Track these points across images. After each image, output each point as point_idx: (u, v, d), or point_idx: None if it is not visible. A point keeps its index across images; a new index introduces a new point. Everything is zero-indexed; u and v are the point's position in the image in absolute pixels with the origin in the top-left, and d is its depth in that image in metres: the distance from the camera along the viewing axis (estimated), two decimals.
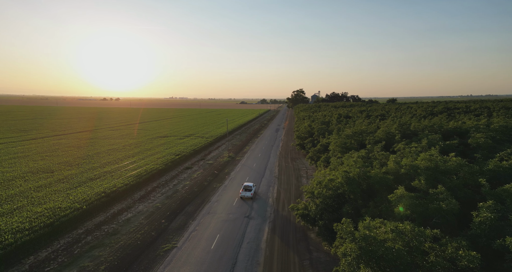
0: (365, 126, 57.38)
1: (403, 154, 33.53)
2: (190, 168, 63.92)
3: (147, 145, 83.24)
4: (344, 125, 76.17)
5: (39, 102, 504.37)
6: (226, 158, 75.10)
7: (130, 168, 54.67)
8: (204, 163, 69.20)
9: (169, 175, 56.96)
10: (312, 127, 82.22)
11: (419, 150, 31.22)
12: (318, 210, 30.30)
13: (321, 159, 55.75)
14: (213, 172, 60.65)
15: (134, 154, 68.62)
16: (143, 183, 49.05)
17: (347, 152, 46.21)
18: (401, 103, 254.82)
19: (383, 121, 73.82)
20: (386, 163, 32.20)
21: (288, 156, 79.59)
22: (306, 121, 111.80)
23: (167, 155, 69.01)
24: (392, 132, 45.40)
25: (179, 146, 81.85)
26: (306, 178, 57.61)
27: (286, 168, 65.50)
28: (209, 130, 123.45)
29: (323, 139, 65.90)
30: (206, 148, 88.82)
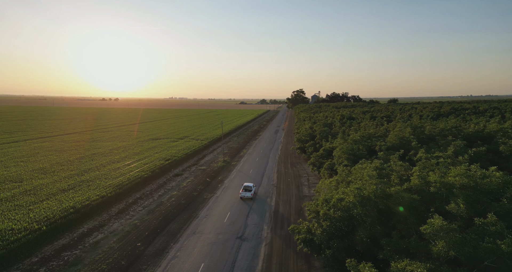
0: (373, 129, 51.76)
1: (425, 165, 27.89)
2: (180, 174, 58.20)
3: (136, 148, 77.55)
4: (348, 128, 70.53)
5: (36, 103, 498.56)
6: (221, 162, 69.41)
7: (111, 176, 48.98)
8: (196, 169, 63.51)
9: (156, 184, 51.26)
10: (314, 130, 76.58)
11: (448, 161, 25.51)
12: (324, 235, 24.63)
13: (324, 166, 50.19)
14: (205, 179, 54.97)
15: (119, 159, 62.92)
16: (124, 194, 43.34)
17: (355, 160, 40.64)
18: (403, 103, 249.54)
19: (391, 124, 68.16)
20: (408, 177, 26.58)
21: (287, 160, 73.92)
22: (306, 123, 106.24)
23: (156, 159, 63.34)
24: (406, 137, 39.79)
25: (171, 149, 76.18)
26: (308, 186, 51.95)
27: (286, 175, 59.83)
28: (205, 132, 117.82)
29: (326, 142, 60.26)
30: (200, 151, 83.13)
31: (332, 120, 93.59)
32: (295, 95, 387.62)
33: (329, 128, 74.46)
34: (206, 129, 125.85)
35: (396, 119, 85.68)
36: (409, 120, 78.05)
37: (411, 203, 20.95)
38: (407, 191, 23.52)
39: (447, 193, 21.17)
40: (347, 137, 54.68)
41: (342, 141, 46.78)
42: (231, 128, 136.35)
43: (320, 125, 78.00)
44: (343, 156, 41.64)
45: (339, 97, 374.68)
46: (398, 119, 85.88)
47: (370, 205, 22.56)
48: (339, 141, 46.98)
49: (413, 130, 44.92)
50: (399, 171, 27.85)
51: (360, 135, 45.13)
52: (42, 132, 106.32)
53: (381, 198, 23.09)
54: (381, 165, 28.43)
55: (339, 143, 46.01)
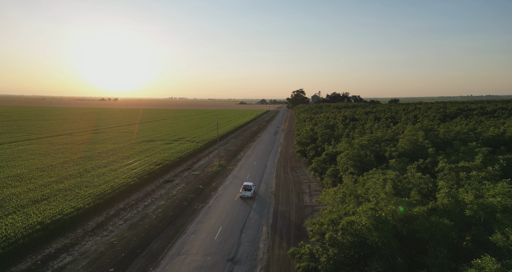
0: (381, 132, 47.39)
1: (450, 177, 23.55)
2: (171, 181, 53.82)
3: (127, 151, 73.16)
4: (352, 131, 66.18)
5: (34, 103, 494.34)
6: (216, 167, 65.04)
7: (94, 183, 44.60)
8: (189, 174, 59.12)
9: (143, 192, 46.88)
10: (315, 132, 72.22)
11: (482, 175, 21.08)
12: (331, 264, 20.29)
13: (327, 172, 45.84)
14: (197, 186, 50.59)
15: (107, 164, 58.55)
16: (105, 205, 38.95)
17: (363, 167, 36.32)
18: (404, 103, 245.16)
19: (397, 126, 63.79)
20: (429, 191, 22.27)
21: (287, 164, 69.53)
22: (307, 124, 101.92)
23: (146, 164, 58.96)
24: (419, 142, 35.43)
25: (164, 153, 71.78)
26: (309, 194, 47.58)
27: (285, 181, 55.46)
28: (202, 133, 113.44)
29: (328, 146, 55.91)
30: (195, 154, 78.74)
31: (334, 121, 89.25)
32: (295, 95, 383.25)
33: (332, 131, 70.10)
34: (203, 131, 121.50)
35: (401, 121, 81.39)
36: (418, 122, 73.77)
37: (442, 230, 16.59)
38: (433, 212, 19.18)
39: (488, 218, 16.81)
40: (352, 140, 50.33)
41: (347, 145, 42.44)
42: (229, 129, 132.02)
43: (322, 127, 73.64)
44: (349, 163, 37.29)
45: (339, 97, 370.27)
46: (404, 120, 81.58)
47: (388, 230, 18.21)
48: (343, 145, 42.63)
49: (426, 134, 40.55)
50: (418, 184, 23.49)
51: (368, 139, 40.74)
52: (31, 134, 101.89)
53: (402, 222, 18.75)
54: (397, 177, 24.05)
55: (344, 147, 41.67)
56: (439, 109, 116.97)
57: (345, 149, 41.12)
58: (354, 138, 54.55)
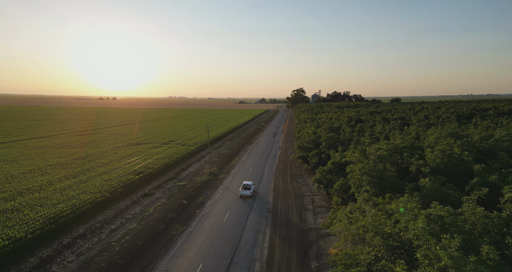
0: (399, 139, 39.36)
1: None
2: (150, 194, 45.98)
3: (108, 156, 65.33)
4: (361, 134, 58.32)
5: (30, 102, 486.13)
6: (206, 175, 57.26)
7: (52, 201, 36.75)
8: (173, 185, 51.29)
9: (113, 210, 39.04)
10: (318, 135, 64.37)
11: None
12: None
13: (334, 186, 38.09)
14: (180, 202, 42.76)
15: (78, 173, 50.71)
16: (58, 231, 31.12)
17: (382, 184, 28.54)
18: (406, 103, 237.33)
19: (412, 129, 55.95)
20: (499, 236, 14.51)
21: (287, 172, 61.74)
22: (308, 126, 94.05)
23: (125, 173, 51.18)
24: (456, 153, 27.60)
25: (149, 158, 63.97)
26: (313, 212, 39.81)
27: (285, 194, 47.69)
28: (195, 135, 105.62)
29: (335, 153, 48.09)
30: (185, 160, 70.90)
31: (338, 123, 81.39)
32: (295, 94, 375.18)
33: (337, 134, 62.24)
34: (197, 132, 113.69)
35: (413, 122, 73.50)
36: (432, 124, 65.91)
37: None
38: None
39: None
40: (365, 147, 42.50)
41: (359, 155, 34.59)
42: (226, 130, 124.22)
43: (326, 130, 65.78)
44: (364, 178, 29.48)
45: (340, 96, 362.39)
46: (415, 122, 73.68)
47: None
48: (356, 155, 34.78)
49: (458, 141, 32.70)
50: (485, 225, 15.67)
51: (386, 148, 32.82)
52: (7, 136, 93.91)
53: None
54: (449, 215, 16.19)
55: (356, 158, 33.83)
56: (449, 110, 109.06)
57: (358, 159, 33.32)
58: (364, 143, 46.73)
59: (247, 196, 44.88)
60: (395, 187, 28.61)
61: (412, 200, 19.99)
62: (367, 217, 21.42)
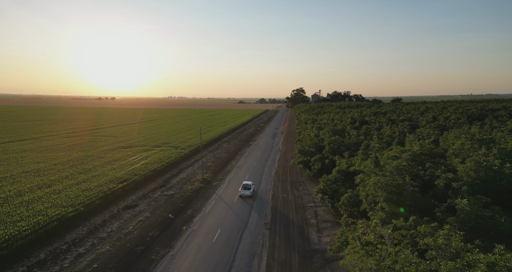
0: (418, 145, 34.21)
1: None
2: (133, 206, 40.83)
3: (93, 161, 60.18)
4: (369, 138, 53.24)
5: (26, 102, 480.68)
6: (198, 183, 52.17)
7: (12, 218, 31.59)
8: (160, 195, 46.15)
9: (86, 227, 33.87)
10: (321, 139, 59.30)
11: None
12: None
13: (342, 199, 33.08)
14: (166, 215, 37.65)
15: (53, 181, 45.54)
16: (11, 259, 25.96)
17: (401, 201, 23.49)
18: (409, 103, 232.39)
19: (424, 132, 50.87)
20: None
21: (286, 178, 56.66)
22: (309, 127, 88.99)
23: (107, 182, 46.05)
24: (495, 165, 22.56)
25: (137, 163, 58.84)
26: (317, 228, 34.73)
27: (284, 204, 42.61)
28: (190, 137, 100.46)
29: (341, 159, 43.02)
30: (177, 164, 65.78)
31: (342, 125, 76.24)
32: (294, 94, 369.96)
33: (341, 138, 57.18)
34: (193, 133, 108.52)
35: (422, 124, 68.40)
36: (443, 125, 60.84)
37: None
38: None
39: None
40: (374, 153, 37.44)
41: (371, 164, 29.52)
42: (223, 131, 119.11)
43: (329, 133, 60.70)
44: (380, 194, 24.43)
45: (340, 96, 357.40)
46: (424, 123, 68.57)
47: None
48: (368, 164, 29.69)
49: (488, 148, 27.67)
50: None
51: (405, 157, 27.70)
52: None
53: None
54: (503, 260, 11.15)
55: (369, 167, 28.76)
56: (457, 110, 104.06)
57: (370, 170, 28.26)
58: (373, 148, 41.64)
59: (247, 195, 44.89)
60: (418, 206, 23.56)
61: (455, 234, 14.88)
62: (393, 255, 16.33)
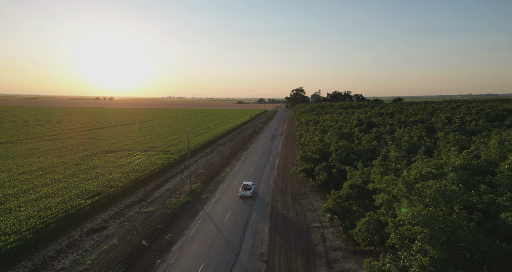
0: (456, 157, 26.80)
1: None
2: (100, 229, 33.47)
3: (66, 169, 52.83)
4: (383, 144, 45.98)
5: (22, 102, 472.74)
6: (184, 195, 44.94)
7: None
8: (137, 212, 38.82)
9: (32, 262, 26.36)
10: (326, 144, 52.06)
11: None
12: None
13: (358, 225, 25.93)
14: (139, 242, 30.34)
15: (10, 196, 38.09)
16: None
17: (455, 244, 16.27)
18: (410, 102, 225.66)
19: (448, 136, 43.67)
20: None
21: (287, 189, 49.46)
22: (311, 129, 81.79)
23: (74, 196, 38.72)
24: None
25: (115, 172, 51.52)
26: (326, 261, 27.48)
27: (285, 225, 35.39)
28: (183, 139, 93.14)
29: (353, 170, 35.83)
30: (163, 172, 58.47)
31: (348, 127, 68.98)
32: (294, 94, 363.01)
33: (349, 142, 49.99)
34: (186, 136, 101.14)
35: (439, 127, 61.09)
36: (464, 128, 53.56)
37: None
38: None
39: None
40: (397, 165, 30.18)
41: (403, 186, 22.28)
42: (219, 133, 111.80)
43: (335, 137, 53.49)
44: (419, 231, 17.22)
45: (340, 96, 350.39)
46: (440, 126, 61.27)
47: None
48: (397, 185, 22.44)
49: None
50: None
51: (454, 178, 20.37)
52: None
53: None
54: None
55: (398, 189, 21.58)
56: (470, 110, 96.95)
57: (401, 193, 21.10)
58: (394, 159, 34.40)
59: (247, 196, 44.43)
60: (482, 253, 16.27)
61: None
62: None
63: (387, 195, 24.56)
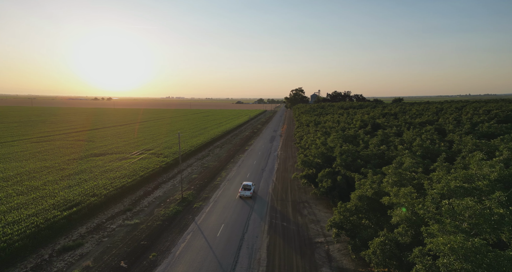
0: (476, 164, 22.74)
1: None
2: (74, 247, 29.32)
3: (48, 175, 48.74)
4: (393, 148, 42.00)
5: (18, 103, 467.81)
6: (175, 204, 40.94)
7: None
8: (121, 225, 34.75)
9: None
10: (329, 147, 48.08)
11: None
12: None
13: (372, 247, 22.08)
14: (117, 263, 26.29)
15: None
16: None
17: None
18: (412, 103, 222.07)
19: (465, 138, 39.75)
20: None
21: (287, 196, 45.49)
22: (312, 130, 77.82)
23: (50, 207, 34.68)
24: None
25: (102, 178, 47.47)
26: None
27: (285, 240, 31.38)
28: (178, 141, 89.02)
29: (361, 179, 31.87)
30: (155, 177, 54.45)
31: (352, 128, 65.01)
32: (293, 94, 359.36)
33: (355, 146, 46.04)
34: (183, 137, 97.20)
35: (449, 128, 57.17)
36: (477, 130, 49.66)
37: None
38: None
39: None
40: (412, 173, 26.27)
41: (432, 206, 18.29)
42: (216, 134, 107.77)
43: (339, 140, 49.54)
44: (461, 266, 13.21)
45: (340, 96, 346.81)
46: (451, 128, 57.34)
47: None
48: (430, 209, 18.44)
49: None
50: None
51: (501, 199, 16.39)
52: None
53: None
54: None
55: (427, 210, 17.62)
56: (478, 111, 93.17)
57: (430, 214, 17.20)
58: (409, 167, 30.43)
59: (247, 196, 44.20)
60: None
61: None
62: None
63: (408, 213, 20.61)
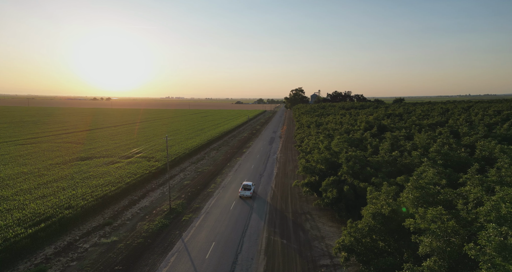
0: None
1: None
2: None
3: (24, 182, 44.18)
4: (407, 155, 37.41)
5: (15, 103, 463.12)
6: (161, 217, 36.41)
7: None
8: (96, 243, 30.16)
9: None
10: (333, 152, 43.51)
11: None
12: None
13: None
14: None
15: None
16: None
17: None
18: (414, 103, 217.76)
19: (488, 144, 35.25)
20: None
21: (287, 206, 40.96)
22: (313, 132, 73.24)
23: (12, 224, 30.13)
24: None
25: (80, 186, 42.89)
26: None
27: (284, 263, 26.82)
28: (172, 143, 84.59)
29: (374, 191, 27.30)
30: (144, 183, 49.95)
31: (357, 131, 60.42)
32: (293, 94, 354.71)
33: (362, 151, 41.51)
34: (178, 139, 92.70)
35: (464, 131, 52.52)
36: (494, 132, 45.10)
37: None
38: None
39: None
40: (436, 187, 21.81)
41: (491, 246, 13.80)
42: (213, 136, 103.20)
43: (344, 144, 44.96)
44: None
45: (341, 96, 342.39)
46: (465, 130, 52.68)
47: None
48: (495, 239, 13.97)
49: None
50: None
51: None
52: None
53: None
54: None
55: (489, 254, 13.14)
56: (487, 111, 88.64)
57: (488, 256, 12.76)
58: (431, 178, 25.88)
59: (247, 196, 43.44)
60: None
61: None
62: None
63: (442, 243, 16.10)
